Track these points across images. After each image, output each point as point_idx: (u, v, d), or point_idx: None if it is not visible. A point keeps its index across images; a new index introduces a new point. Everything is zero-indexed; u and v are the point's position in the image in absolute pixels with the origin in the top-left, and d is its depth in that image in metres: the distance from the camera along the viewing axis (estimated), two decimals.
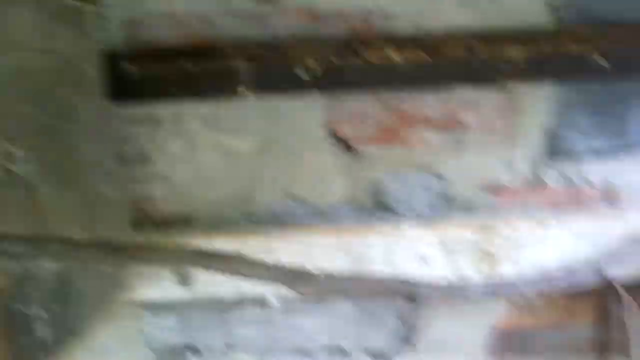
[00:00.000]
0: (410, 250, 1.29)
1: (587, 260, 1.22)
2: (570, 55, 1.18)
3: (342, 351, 1.46)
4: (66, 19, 1.05)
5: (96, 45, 1.15)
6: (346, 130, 1.32)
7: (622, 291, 1.08)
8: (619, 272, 1.25)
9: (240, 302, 1.41)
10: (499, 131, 1.30)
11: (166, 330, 1.45)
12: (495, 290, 1.24)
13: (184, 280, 1.33)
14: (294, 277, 1.07)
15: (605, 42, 1.16)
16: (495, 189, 1.33)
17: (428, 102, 1.29)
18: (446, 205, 1.35)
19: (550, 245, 1.26)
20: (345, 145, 1.33)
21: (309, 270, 1.13)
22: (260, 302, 1.41)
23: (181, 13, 1.21)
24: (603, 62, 1.16)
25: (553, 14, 1.23)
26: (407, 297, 1.15)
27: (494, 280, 1.25)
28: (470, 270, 1.28)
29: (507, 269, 1.27)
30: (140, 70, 1.19)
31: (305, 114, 1.31)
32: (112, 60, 1.18)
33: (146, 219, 1.34)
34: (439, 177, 1.34)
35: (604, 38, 1.16)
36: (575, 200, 1.33)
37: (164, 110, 1.30)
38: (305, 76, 1.21)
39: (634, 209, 1.29)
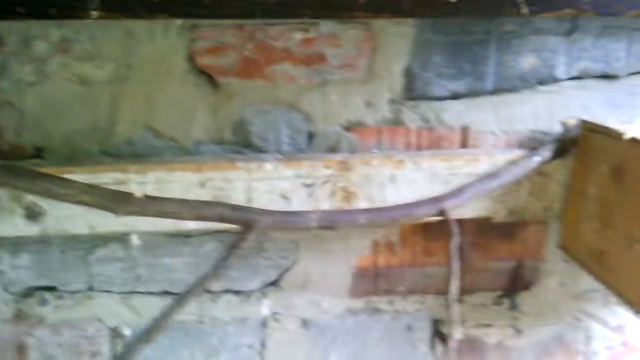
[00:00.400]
0: (270, 187, 1.27)
1: (437, 199, 1.25)
2: None
3: (207, 291, 1.44)
4: None
5: None
6: (208, 61, 1.28)
7: (454, 225, 1.12)
8: (466, 211, 1.30)
9: (98, 240, 1.36)
10: (360, 69, 1.31)
11: (22, 271, 1.38)
12: (362, 220, 1.24)
13: (34, 215, 1.27)
14: (113, 198, 1.02)
15: None
16: (356, 128, 1.34)
17: (291, 36, 1.28)
18: (308, 142, 1.34)
19: (405, 183, 1.28)
20: (207, 77, 1.29)
21: (129, 192, 1.09)
22: (120, 240, 1.37)
23: None
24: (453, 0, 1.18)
25: None
26: (242, 224, 1.13)
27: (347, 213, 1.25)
28: (328, 206, 1.28)
29: (364, 205, 1.29)
30: None
31: (163, 42, 1.26)
32: None
33: None
34: (302, 113, 1.33)
35: None
36: (431, 140, 1.36)
37: (10, 32, 1.22)
38: None
39: (486, 151, 1.34)
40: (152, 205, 1.09)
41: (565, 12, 1.23)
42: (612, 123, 1.25)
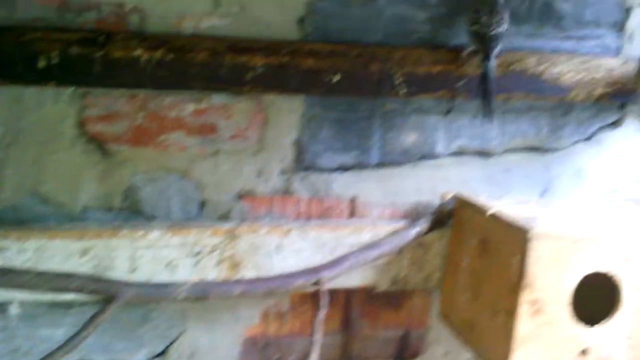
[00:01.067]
0: (155, 255, 1.27)
1: (314, 270, 1.29)
2: (310, 70, 1.26)
3: None
4: None
5: None
6: (99, 129, 1.29)
7: (324, 297, 1.15)
8: (351, 280, 1.34)
9: None
10: (252, 140, 1.35)
11: None
12: (237, 291, 1.25)
13: None
14: None
15: (340, 60, 1.26)
16: (247, 197, 1.37)
17: (184, 106, 1.31)
18: (198, 210, 1.36)
19: (292, 252, 1.31)
20: (97, 143, 1.29)
21: None
22: None
23: None
24: (336, 78, 1.26)
25: (300, 29, 1.32)
26: (105, 296, 1.12)
27: (234, 283, 1.26)
28: (214, 275, 1.29)
29: (251, 274, 1.30)
30: None
31: (54, 108, 1.27)
32: None
33: None
34: (193, 182, 1.35)
35: (339, 56, 1.26)
36: (321, 210, 1.41)
37: None
38: (46, 66, 1.17)
39: (370, 222, 1.40)
40: (6, 278, 1.06)
41: (440, 94, 1.34)
42: (485, 198, 1.34)
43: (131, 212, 1.34)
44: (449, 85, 1.33)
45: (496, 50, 1.27)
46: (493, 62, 1.27)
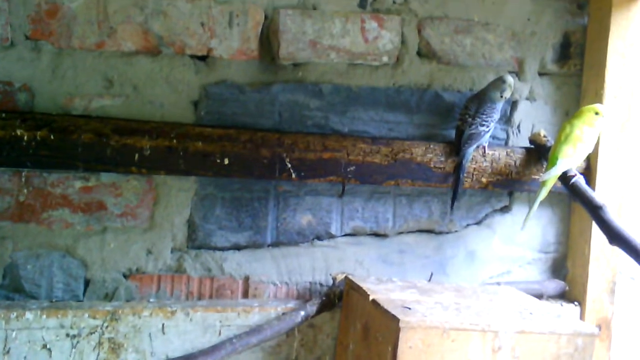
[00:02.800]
0: (31, 337, 1.22)
1: (188, 358, 1.26)
2: (199, 153, 1.27)
3: None
4: None
5: None
6: None
7: None
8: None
9: None
10: (142, 218, 1.35)
11: None
12: None
13: None
14: None
15: (230, 144, 1.28)
16: (136, 275, 1.35)
17: (70, 183, 1.30)
18: (84, 289, 1.33)
19: (177, 335, 1.29)
20: None
21: None
22: None
23: None
24: (226, 161, 1.28)
25: (195, 112, 1.34)
26: None
27: None
28: (93, 359, 1.24)
29: (132, 358, 1.27)
30: None
31: None
32: None
33: None
34: (78, 259, 1.32)
35: (230, 140, 1.28)
36: (213, 290, 1.40)
37: None
38: None
39: (259, 303, 1.39)
40: None
41: (331, 179, 1.37)
42: (374, 280, 1.36)
43: (11, 290, 1.29)
44: (339, 171, 1.36)
45: (472, 147, 1.39)
46: (467, 157, 1.40)
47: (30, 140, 1.18)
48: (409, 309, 1.16)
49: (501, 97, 1.39)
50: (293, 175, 1.34)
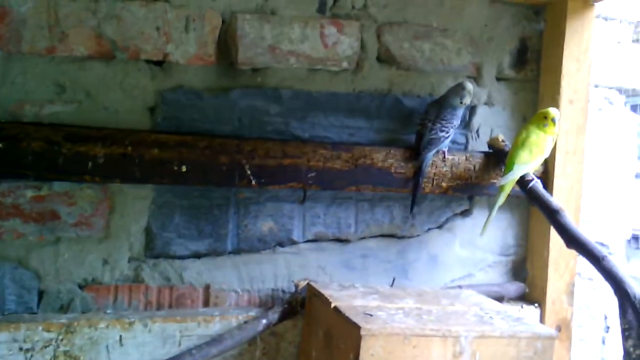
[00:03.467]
0: None
1: None
2: (155, 160, 1.25)
3: None
4: None
5: None
6: None
7: None
8: None
9: None
10: (97, 227, 1.31)
11: None
12: None
13: None
14: None
15: (187, 150, 1.26)
16: (92, 286, 1.31)
17: (22, 192, 1.25)
18: (38, 300, 1.28)
19: (135, 347, 1.26)
20: None
21: None
22: None
23: None
24: (184, 169, 1.26)
25: (151, 118, 1.31)
26: None
27: None
28: None
29: None
30: None
31: None
32: None
33: None
34: (31, 271, 1.28)
35: (187, 147, 1.26)
36: (173, 299, 1.37)
37: None
38: None
39: (220, 311, 1.37)
40: None
41: (292, 185, 1.36)
42: (336, 286, 1.36)
43: None
44: (300, 177, 1.35)
45: (432, 152, 1.40)
46: (427, 162, 1.40)
47: None
48: (371, 315, 1.15)
49: (461, 103, 1.40)
50: (253, 182, 1.32)
